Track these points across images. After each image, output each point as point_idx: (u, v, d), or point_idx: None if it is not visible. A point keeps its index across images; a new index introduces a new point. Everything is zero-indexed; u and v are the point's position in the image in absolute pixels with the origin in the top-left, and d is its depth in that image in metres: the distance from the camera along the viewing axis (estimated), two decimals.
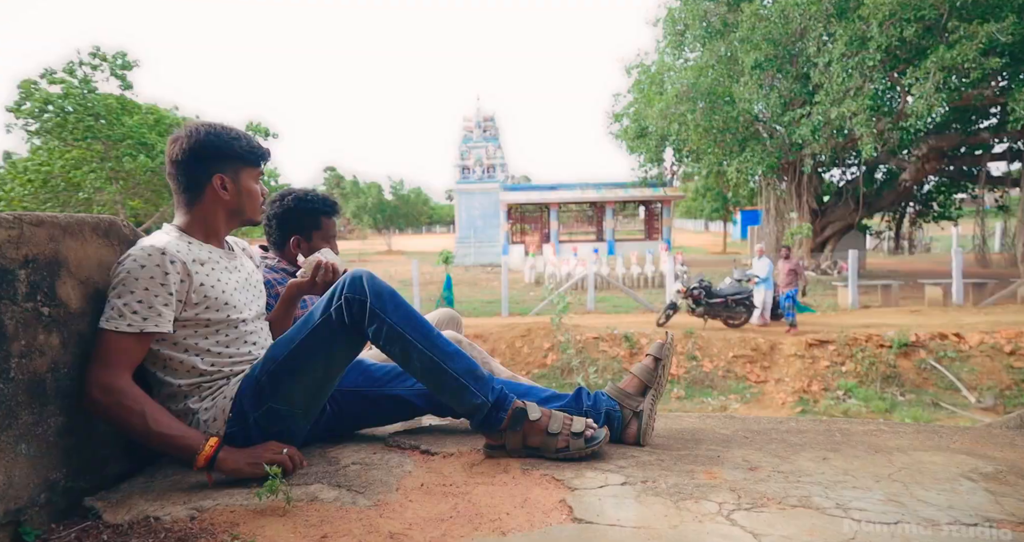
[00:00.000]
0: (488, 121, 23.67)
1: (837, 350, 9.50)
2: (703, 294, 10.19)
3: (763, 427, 1.56)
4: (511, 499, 1.15)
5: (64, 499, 1.05)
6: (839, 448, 1.39)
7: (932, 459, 1.31)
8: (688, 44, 17.76)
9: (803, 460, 1.32)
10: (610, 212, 23.47)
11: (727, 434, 1.50)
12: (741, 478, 1.23)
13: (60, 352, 1.06)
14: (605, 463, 1.31)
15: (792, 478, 1.22)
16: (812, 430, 1.53)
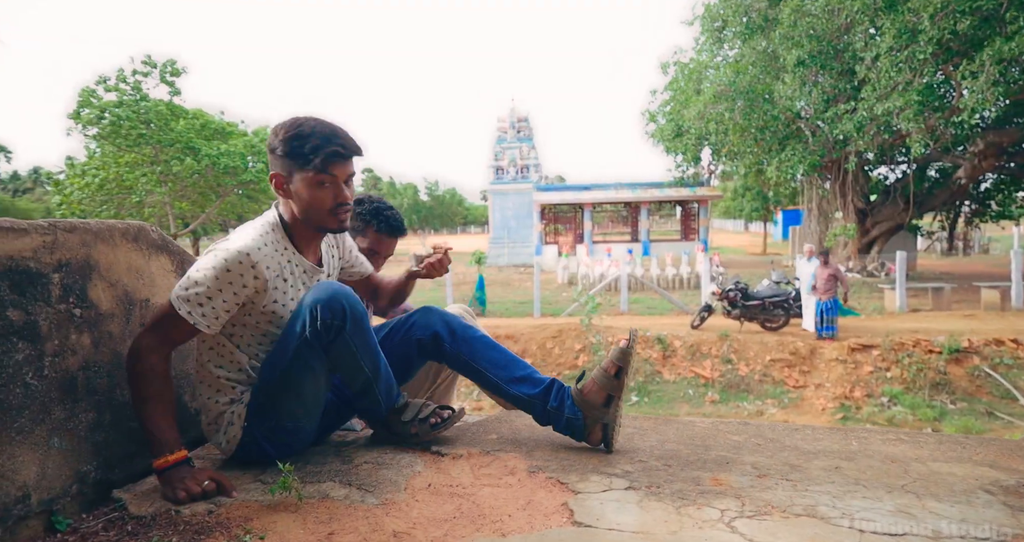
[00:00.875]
0: (522, 122, 23.71)
1: (882, 355, 9.15)
2: (739, 296, 9.97)
3: (777, 434, 1.53)
4: (514, 501, 1.17)
5: (94, 490, 1.12)
6: (854, 457, 1.36)
7: (951, 471, 1.26)
8: (727, 41, 17.41)
9: (815, 468, 1.29)
10: (645, 212, 23.18)
11: (739, 440, 1.48)
12: (748, 485, 1.21)
13: (91, 351, 1.13)
14: (611, 467, 1.31)
15: (801, 486, 1.20)
16: (828, 438, 1.49)
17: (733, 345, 9.76)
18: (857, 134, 13.20)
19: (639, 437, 1.51)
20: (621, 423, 1.43)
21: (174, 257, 1.41)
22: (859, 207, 17.46)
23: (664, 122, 20.02)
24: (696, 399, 8.95)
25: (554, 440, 1.49)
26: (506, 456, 1.39)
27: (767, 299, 10.00)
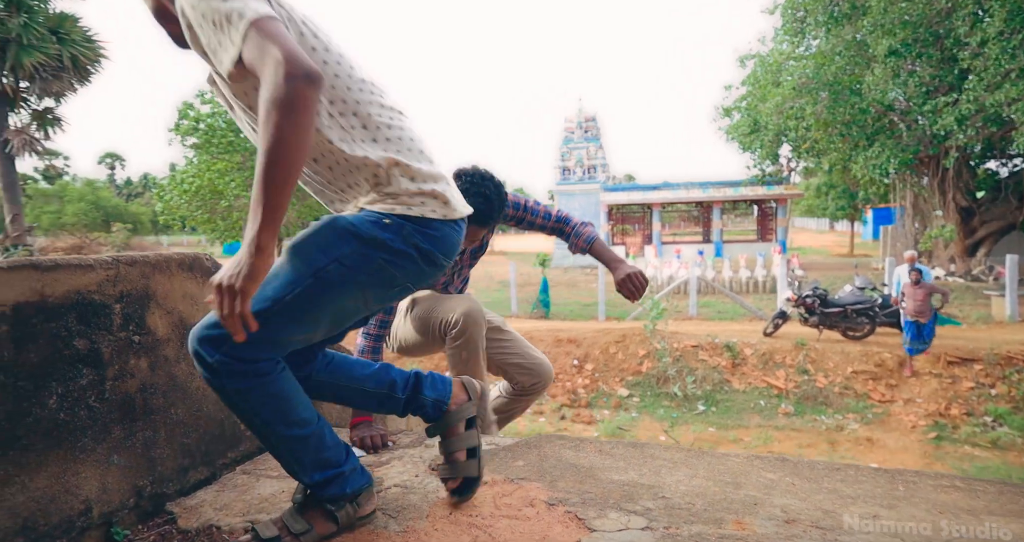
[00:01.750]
0: (589, 121, 23.48)
1: (985, 370, 8.38)
2: (817, 303, 9.41)
3: (816, 473, 1.45)
4: (529, 536, 1.18)
5: (150, 503, 1.23)
6: (896, 505, 1.27)
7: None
8: (809, 31, 16.45)
9: (850, 515, 1.21)
10: (717, 212, 22.36)
11: (773, 478, 1.42)
12: (772, 531, 1.16)
13: (148, 374, 1.25)
14: (632, 503, 1.30)
15: (830, 536, 1.13)
16: (871, 480, 1.39)
17: (810, 354, 9.24)
18: (960, 128, 12.12)
19: (667, 471, 1.47)
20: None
21: None
22: (963, 205, 16.01)
23: (739, 118, 19.22)
24: (768, 411, 8.54)
25: (580, 469, 1.49)
26: (528, 486, 1.40)
27: (849, 306, 9.39)
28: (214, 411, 1.44)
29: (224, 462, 1.47)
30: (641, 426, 8.25)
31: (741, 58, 19.59)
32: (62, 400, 1.04)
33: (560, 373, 9.67)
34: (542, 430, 8.26)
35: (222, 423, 1.47)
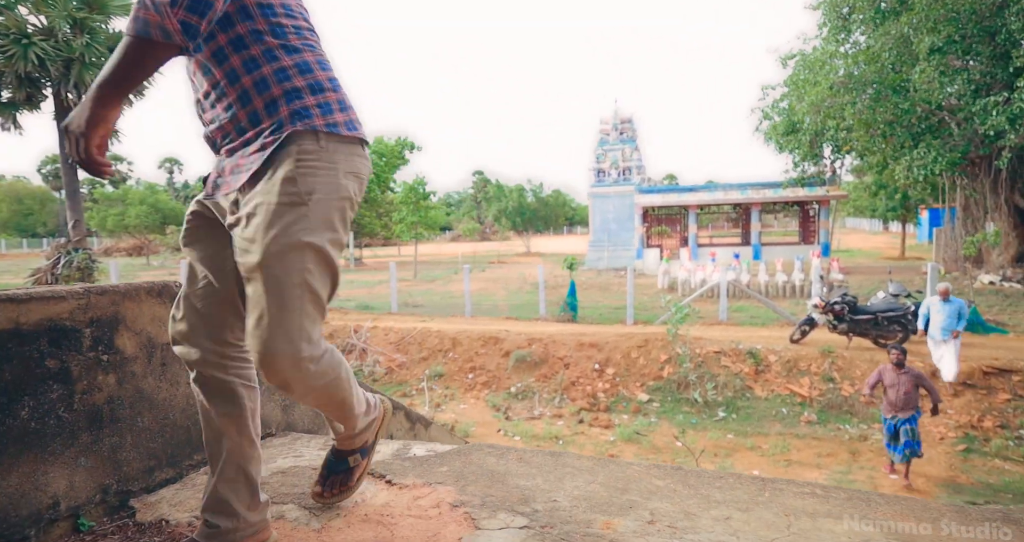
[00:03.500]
0: (625, 123, 23.35)
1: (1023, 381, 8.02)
2: (846, 309, 9.19)
3: (699, 481, 1.57)
4: (423, 534, 1.36)
5: (116, 499, 1.47)
6: (751, 508, 1.38)
7: (832, 528, 1.26)
8: (855, 27, 15.93)
9: (706, 518, 1.34)
10: (756, 214, 21.87)
11: (660, 485, 1.55)
12: (631, 530, 1.30)
13: (116, 388, 1.48)
14: (525, 505, 1.45)
15: (677, 534, 1.27)
16: (744, 488, 1.51)
17: (837, 362, 9.04)
18: (1011, 127, 11.56)
19: (570, 477, 1.62)
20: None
21: None
22: (1020, 207, 15.19)
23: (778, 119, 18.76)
24: (790, 419, 8.41)
25: (494, 475, 1.65)
26: (442, 489, 1.58)
27: (880, 313, 9.13)
28: (180, 419, 1.68)
29: (190, 463, 1.70)
30: (659, 432, 8.27)
31: (783, 58, 19.13)
32: (33, 411, 1.28)
33: (581, 377, 9.77)
34: (560, 433, 8.39)
35: (188, 429, 1.70)
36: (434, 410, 9.19)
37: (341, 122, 1.16)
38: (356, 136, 1.19)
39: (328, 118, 1.14)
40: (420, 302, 16.86)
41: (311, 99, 1.13)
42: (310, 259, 1.08)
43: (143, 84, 12.45)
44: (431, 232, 24.19)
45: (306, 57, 1.16)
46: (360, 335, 11.23)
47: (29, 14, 11.47)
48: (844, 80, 13.77)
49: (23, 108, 11.66)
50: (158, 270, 28.57)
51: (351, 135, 1.17)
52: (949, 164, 13.16)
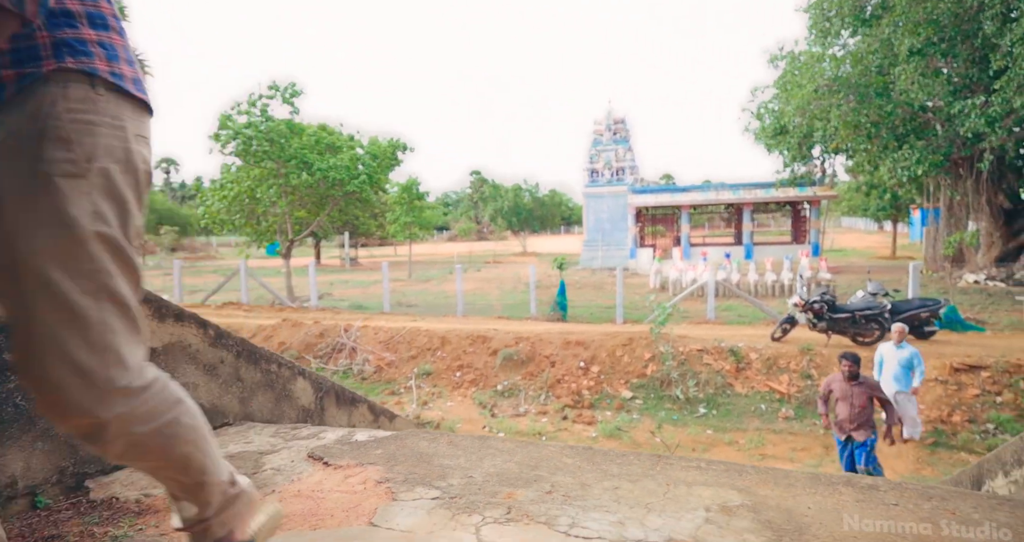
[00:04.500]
0: (619, 124, 23.52)
1: (992, 377, 8.20)
2: (825, 308, 9.37)
3: (603, 459, 1.74)
4: (346, 505, 1.52)
5: (73, 479, 1.63)
6: (640, 480, 1.55)
7: (700, 493, 1.44)
8: (835, 31, 16.12)
9: (598, 488, 1.51)
10: (748, 214, 22.04)
11: (569, 463, 1.71)
12: (529, 499, 1.47)
13: None
14: (443, 481, 1.62)
15: (568, 502, 1.44)
16: (640, 464, 1.68)
17: (815, 360, 9.21)
18: (990, 129, 11.75)
19: (491, 457, 1.79)
20: None
21: (151, 304, 1.91)
22: (1005, 207, 15.37)
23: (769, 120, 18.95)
24: (768, 415, 8.58)
25: (423, 456, 1.81)
26: (372, 469, 1.74)
27: (858, 312, 9.31)
28: None
29: None
30: (640, 428, 8.43)
31: (773, 58, 19.33)
32: None
33: (566, 375, 9.93)
34: (544, 430, 8.56)
35: None
36: (421, 408, 9.35)
37: (129, 77, 0.85)
38: (146, 101, 0.89)
39: (114, 66, 0.83)
40: (414, 302, 17.03)
41: (90, 33, 0.82)
42: (103, 254, 0.79)
43: None
44: (425, 232, 24.38)
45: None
46: (350, 334, 11.39)
47: None
48: (829, 83, 13.95)
49: None
50: (154, 270, 28.72)
51: (141, 98, 0.87)
52: (932, 165, 13.34)
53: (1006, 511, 1.25)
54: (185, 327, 2.05)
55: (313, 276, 15.17)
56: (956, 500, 1.33)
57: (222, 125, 16.15)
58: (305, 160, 15.92)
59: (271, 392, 2.48)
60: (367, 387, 10.27)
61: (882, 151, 14.33)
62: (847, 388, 5.43)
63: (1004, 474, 1.85)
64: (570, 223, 54.37)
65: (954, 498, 1.34)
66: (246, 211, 17.32)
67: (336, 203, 17.63)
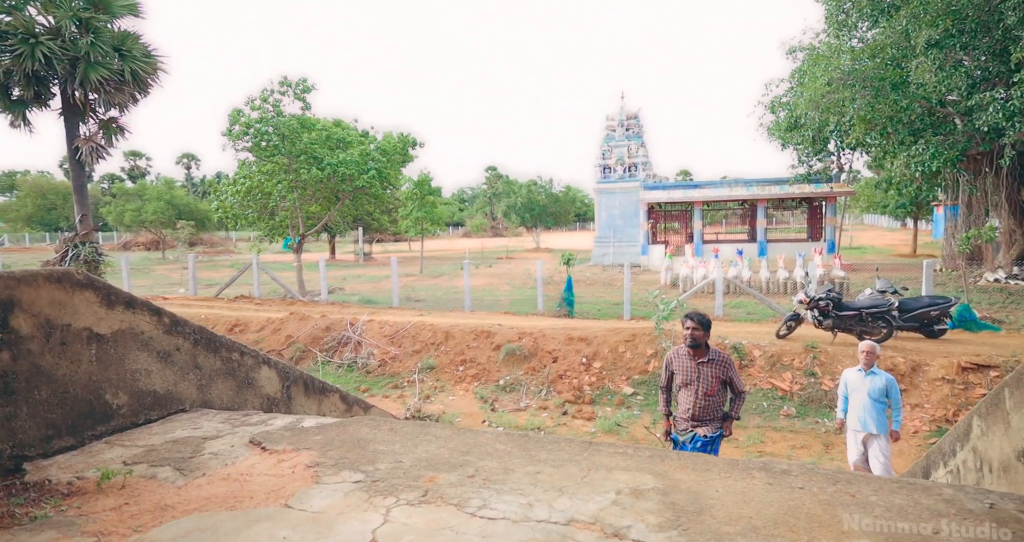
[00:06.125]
0: (631, 119, 23.32)
1: (1000, 376, 7.99)
2: (831, 306, 9.21)
3: (534, 446, 1.73)
4: (270, 487, 1.53)
5: (11, 462, 1.67)
6: (563, 465, 1.55)
7: (617, 477, 1.43)
8: (852, 23, 15.77)
9: (521, 472, 1.51)
10: (762, 211, 21.73)
11: (499, 448, 1.71)
12: (448, 482, 1.47)
13: (10, 364, 1.68)
14: (371, 466, 1.62)
15: (486, 485, 1.44)
16: (569, 450, 1.67)
17: (819, 357, 9.05)
18: (1009, 124, 11.42)
19: (426, 443, 1.79)
20: None
21: (99, 291, 1.95)
22: None
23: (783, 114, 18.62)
24: (770, 412, 8.47)
25: (360, 442, 1.82)
26: (306, 454, 1.75)
27: (864, 309, 9.13)
28: (82, 393, 1.87)
29: (94, 434, 1.90)
30: (639, 423, 8.38)
31: (791, 49, 19.01)
32: None
33: (568, 370, 9.91)
34: (543, 425, 8.54)
35: (91, 402, 1.89)
36: (423, 401, 9.40)
37: None
38: None
39: None
40: (422, 297, 17.10)
41: None
42: None
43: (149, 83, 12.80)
44: (436, 227, 24.46)
45: None
46: (356, 328, 11.48)
47: (37, 14, 11.85)
48: (843, 76, 13.66)
49: (32, 106, 12.06)
50: (172, 264, 29.25)
51: None
52: (947, 161, 13.00)
53: (903, 495, 1.22)
54: (137, 314, 2.08)
55: (323, 270, 15.31)
56: (860, 484, 1.31)
57: (234, 121, 16.35)
58: (315, 155, 16.05)
59: (232, 380, 2.51)
60: (371, 380, 10.35)
61: (897, 146, 14.01)
62: (691, 367, 4.03)
63: (944, 464, 1.81)
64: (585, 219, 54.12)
65: (859, 482, 1.32)
66: (259, 206, 17.53)
67: (346, 198, 17.75)
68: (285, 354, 11.21)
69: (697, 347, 3.99)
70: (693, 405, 4.02)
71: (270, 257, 30.31)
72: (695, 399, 4.01)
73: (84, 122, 12.37)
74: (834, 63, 14.83)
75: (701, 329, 3.95)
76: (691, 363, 4.04)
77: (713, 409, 4.03)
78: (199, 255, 32.18)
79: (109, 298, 1.97)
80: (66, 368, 1.82)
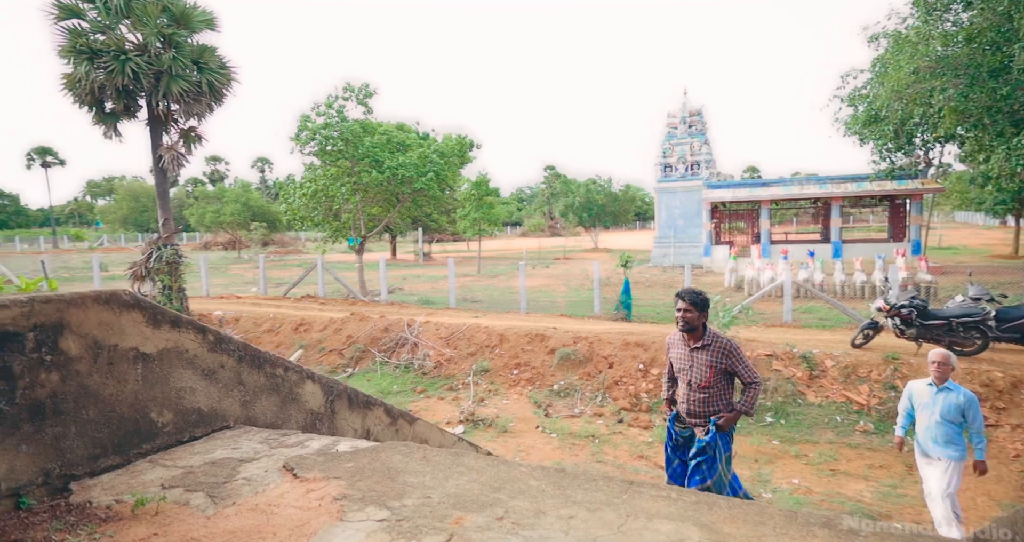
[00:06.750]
0: (694, 116, 22.55)
1: None
2: (914, 314, 8.51)
3: (572, 483, 1.60)
4: (294, 522, 1.49)
5: (59, 481, 1.71)
6: (600, 509, 1.42)
7: (658, 527, 1.30)
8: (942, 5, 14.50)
9: (553, 516, 1.40)
10: (836, 209, 20.48)
11: (532, 485, 1.60)
12: (476, 525, 1.38)
13: (59, 384, 1.73)
14: (399, 500, 1.55)
15: (514, 530, 1.35)
16: (608, 491, 1.53)
17: (901, 369, 8.39)
18: None
19: (457, 476, 1.70)
20: None
21: (145, 311, 1.99)
22: None
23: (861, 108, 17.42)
24: (844, 427, 7.91)
25: (390, 472, 1.76)
26: (335, 483, 1.71)
27: (955, 319, 8.37)
28: (128, 412, 1.91)
29: (139, 452, 1.94)
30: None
31: (873, 36, 17.77)
32: None
33: (624, 377, 9.65)
34: (597, 432, 8.36)
35: (137, 421, 1.93)
36: (477, 405, 9.41)
37: None
38: None
39: None
40: (479, 298, 17.20)
41: None
42: None
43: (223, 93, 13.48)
44: (493, 228, 24.57)
45: None
46: (413, 330, 11.66)
47: (128, 32, 12.72)
48: (931, 64, 12.61)
49: (122, 117, 12.96)
50: (246, 263, 30.86)
51: None
52: None
53: None
54: (182, 333, 2.11)
55: (383, 271, 15.67)
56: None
57: (302, 127, 16.98)
58: (376, 158, 16.44)
59: (276, 396, 2.53)
60: (427, 382, 10.47)
61: (995, 138, 12.79)
62: (684, 354, 3.60)
63: None
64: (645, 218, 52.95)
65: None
66: (323, 208, 18.17)
67: (405, 200, 18.09)
68: (345, 354, 11.53)
69: (691, 331, 3.54)
70: (687, 398, 3.61)
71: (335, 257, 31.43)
72: (688, 391, 3.58)
73: (167, 131, 13.17)
74: (922, 50, 13.68)
75: (694, 310, 3.49)
76: (684, 349, 3.61)
77: (712, 404, 3.53)
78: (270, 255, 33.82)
79: (155, 318, 2.01)
80: (113, 388, 1.85)
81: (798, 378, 8.71)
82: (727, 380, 3.56)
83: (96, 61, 12.08)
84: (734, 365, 3.53)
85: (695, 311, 3.51)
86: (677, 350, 3.71)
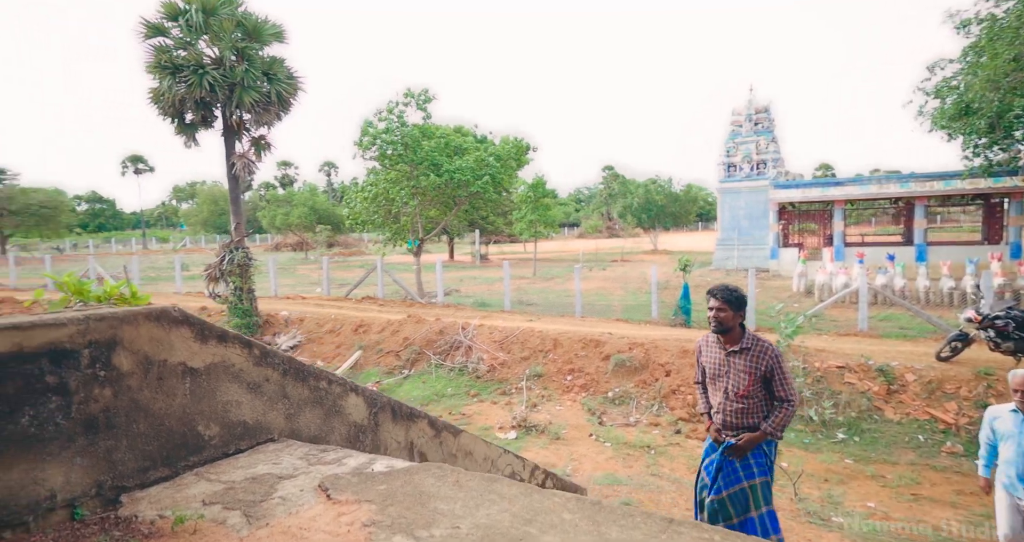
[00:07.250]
0: (761, 113, 21.63)
1: None
2: (1011, 325, 7.76)
3: (607, 518, 1.49)
4: None
5: (112, 493, 1.77)
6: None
7: None
8: None
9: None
10: (920, 210, 19.08)
11: (565, 519, 1.50)
12: None
13: (112, 399, 1.79)
14: (425, 530, 1.50)
15: None
16: (647, 527, 1.40)
17: (995, 386, 7.68)
18: None
19: (488, 504, 1.64)
20: None
21: (194, 327, 2.04)
22: None
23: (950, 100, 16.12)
24: (928, 448, 7.32)
25: (422, 496, 1.72)
26: (366, 507, 1.68)
27: None
28: (176, 425, 1.96)
29: (187, 464, 1.99)
30: None
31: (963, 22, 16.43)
32: (33, 419, 1.60)
33: (682, 386, 9.32)
34: (653, 443, 8.11)
35: (184, 435, 1.99)
36: (530, 410, 9.35)
37: None
38: None
39: None
40: (534, 300, 17.14)
41: None
42: None
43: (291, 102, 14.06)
44: (550, 229, 24.42)
45: None
46: (467, 333, 11.74)
47: (206, 47, 13.49)
48: None
49: (200, 128, 13.76)
50: (312, 264, 32.16)
51: None
52: None
53: None
54: (228, 348, 2.16)
55: (440, 273, 15.89)
56: None
57: (364, 132, 17.49)
58: (434, 162, 16.70)
59: (320, 408, 2.55)
60: (480, 385, 10.51)
61: None
62: (719, 358, 3.27)
63: None
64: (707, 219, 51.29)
65: None
66: (384, 211, 18.64)
67: (462, 203, 18.28)
68: (402, 355, 11.75)
69: (725, 332, 3.20)
70: (723, 408, 3.25)
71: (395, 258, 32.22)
72: (724, 400, 3.23)
73: (239, 140, 13.86)
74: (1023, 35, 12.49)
75: (728, 308, 3.14)
76: (719, 353, 3.26)
77: (750, 415, 3.18)
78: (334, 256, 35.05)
79: (203, 333, 2.06)
80: (162, 402, 1.91)
81: (874, 392, 8.14)
82: (768, 389, 3.23)
83: (177, 75, 12.87)
84: (774, 372, 3.17)
85: (729, 310, 3.18)
86: (711, 354, 3.36)
